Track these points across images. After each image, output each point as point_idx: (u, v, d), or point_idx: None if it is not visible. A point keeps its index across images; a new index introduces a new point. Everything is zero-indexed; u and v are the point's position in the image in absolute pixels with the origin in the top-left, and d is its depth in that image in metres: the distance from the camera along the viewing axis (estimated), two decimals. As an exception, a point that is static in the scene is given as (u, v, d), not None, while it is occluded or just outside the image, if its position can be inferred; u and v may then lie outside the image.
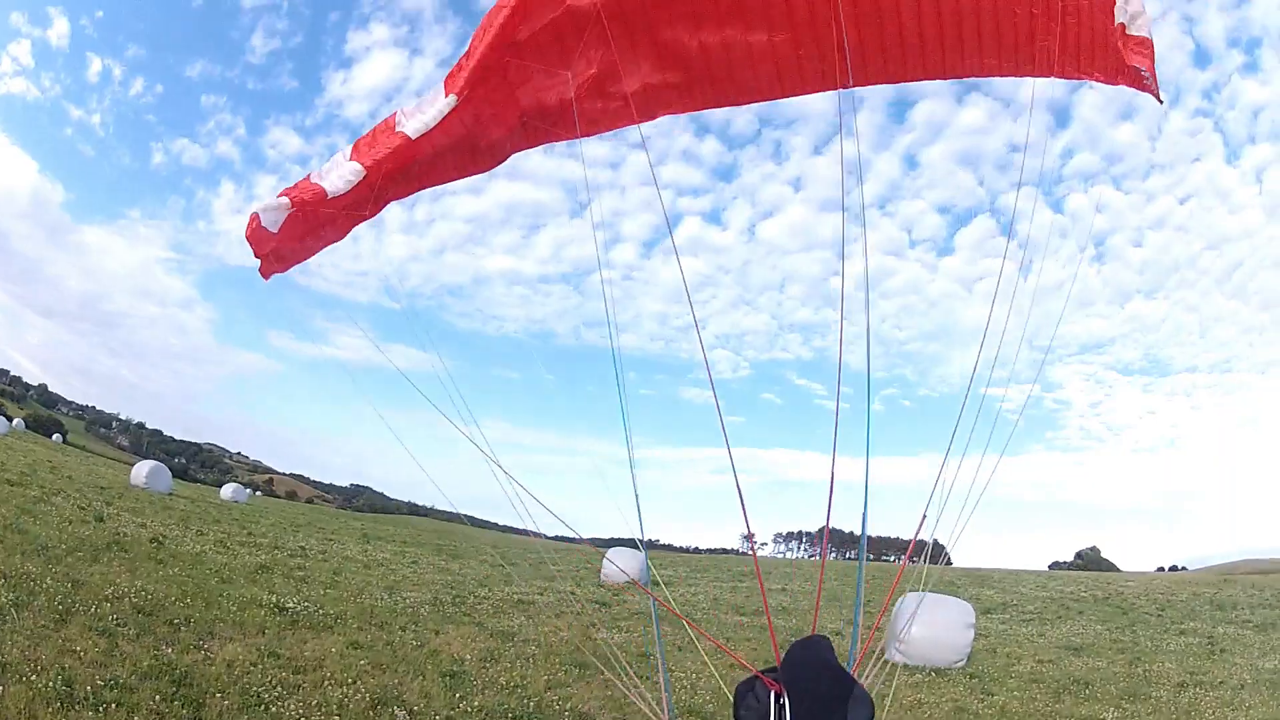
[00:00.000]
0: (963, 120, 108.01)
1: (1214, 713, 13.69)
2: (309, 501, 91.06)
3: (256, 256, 5.46)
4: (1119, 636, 23.00)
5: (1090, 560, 75.28)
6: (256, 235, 5.33)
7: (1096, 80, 4.65)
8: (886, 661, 14.34)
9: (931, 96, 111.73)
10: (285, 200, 5.17)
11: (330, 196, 5.21)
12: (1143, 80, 4.42)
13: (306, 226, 5.46)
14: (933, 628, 16.63)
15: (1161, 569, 72.04)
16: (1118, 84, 4.49)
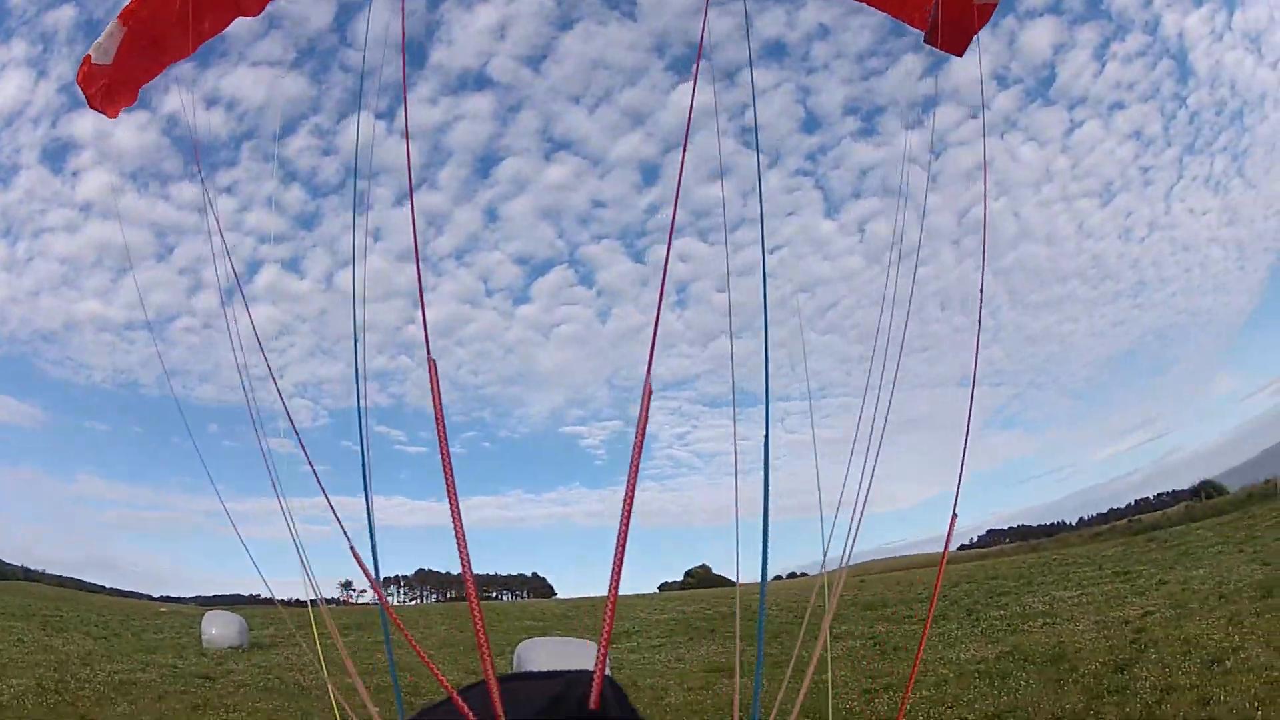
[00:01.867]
0: (549, 176, 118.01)
1: (926, 713, 13.49)
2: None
3: (90, 97, 5.23)
4: (766, 650, 23.61)
5: (702, 578, 79.76)
6: (89, 76, 5.12)
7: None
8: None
9: (520, 154, 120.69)
10: (115, 23, 4.97)
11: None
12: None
13: (142, 46, 5.17)
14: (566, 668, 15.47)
15: (779, 577, 78.10)
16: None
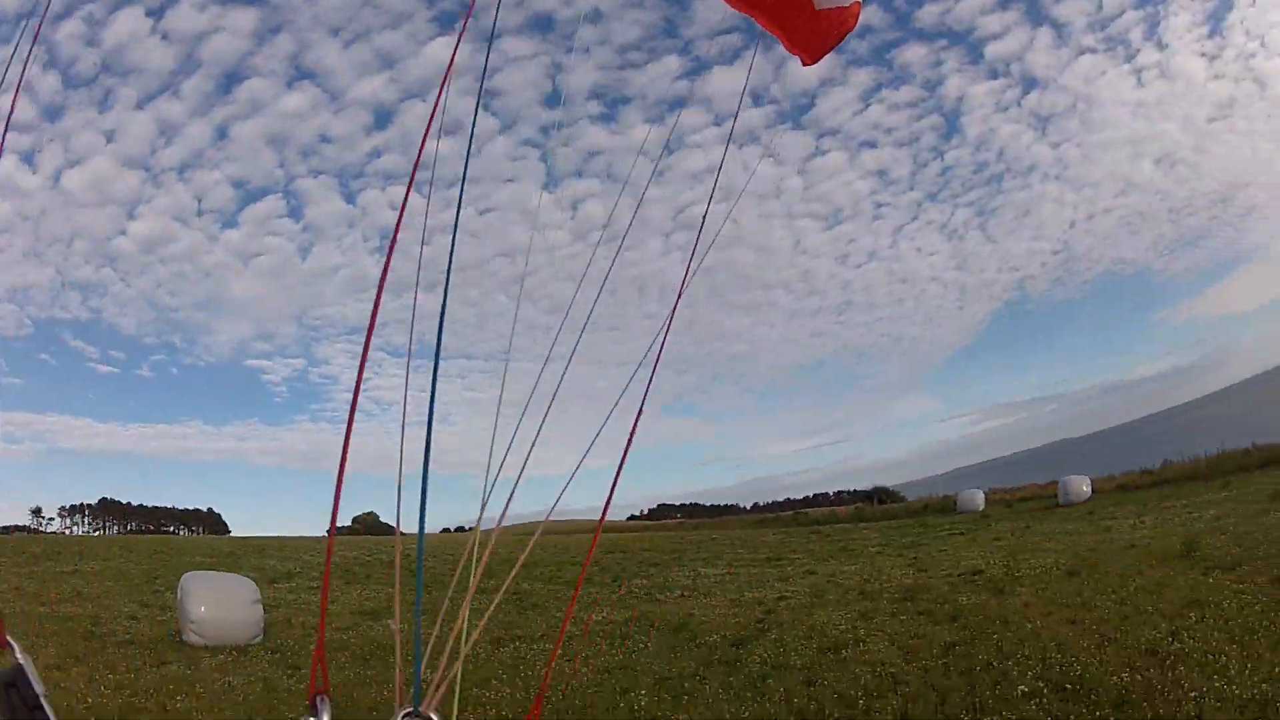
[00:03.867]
0: (285, 103, 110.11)
1: (544, 661, 14.11)
2: None
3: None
4: (412, 598, 22.56)
5: (370, 525, 78.56)
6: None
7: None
8: (184, 644, 15.08)
9: (266, 76, 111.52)
10: None
11: None
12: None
13: None
14: (219, 607, 15.99)
15: (447, 529, 76.32)
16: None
